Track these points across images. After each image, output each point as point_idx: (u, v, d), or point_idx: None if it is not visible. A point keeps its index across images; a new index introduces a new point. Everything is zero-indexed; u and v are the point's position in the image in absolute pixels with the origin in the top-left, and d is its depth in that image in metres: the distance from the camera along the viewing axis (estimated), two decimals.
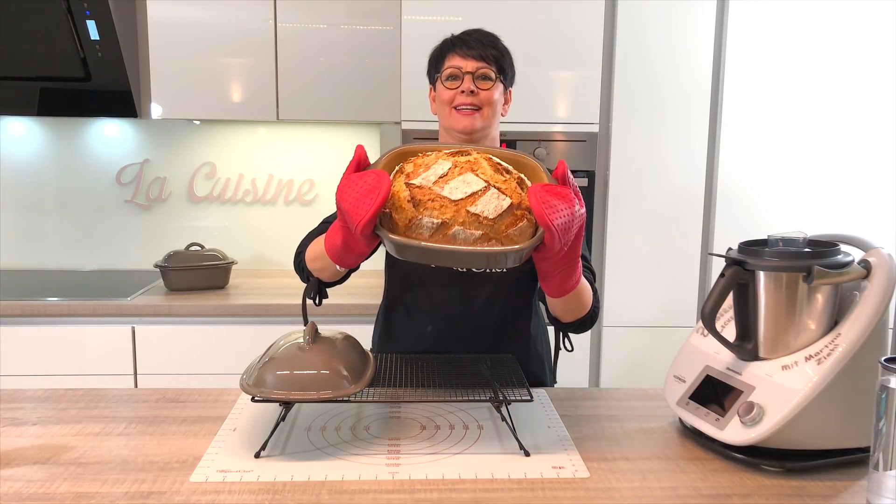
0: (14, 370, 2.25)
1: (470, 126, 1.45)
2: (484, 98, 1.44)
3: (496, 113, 1.48)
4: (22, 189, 2.79)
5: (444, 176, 1.05)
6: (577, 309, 1.34)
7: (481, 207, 1.03)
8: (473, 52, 1.45)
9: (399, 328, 1.59)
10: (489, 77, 1.45)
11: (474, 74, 1.44)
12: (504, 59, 1.48)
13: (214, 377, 2.26)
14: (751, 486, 1.05)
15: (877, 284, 1.09)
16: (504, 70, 1.47)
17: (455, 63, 1.45)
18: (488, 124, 1.47)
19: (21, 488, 1.01)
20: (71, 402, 1.36)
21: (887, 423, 0.92)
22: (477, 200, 1.03)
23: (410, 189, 1.04)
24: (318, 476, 1.05)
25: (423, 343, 1.52)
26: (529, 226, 1.07)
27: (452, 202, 1.02)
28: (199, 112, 2.52)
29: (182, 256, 2.47)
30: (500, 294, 1.51)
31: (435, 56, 1.51)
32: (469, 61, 1.45)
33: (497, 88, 1.46)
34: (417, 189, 1.04)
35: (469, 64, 1.44)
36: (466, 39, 1.47)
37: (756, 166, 2.45)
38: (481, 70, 1.44)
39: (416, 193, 1.04)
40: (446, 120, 1.48)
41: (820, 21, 2.39)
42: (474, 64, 1.44)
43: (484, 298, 1.50)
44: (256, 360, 1.20)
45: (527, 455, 1.12)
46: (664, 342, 2.40)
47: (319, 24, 2.44)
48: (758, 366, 1.13)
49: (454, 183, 1.04)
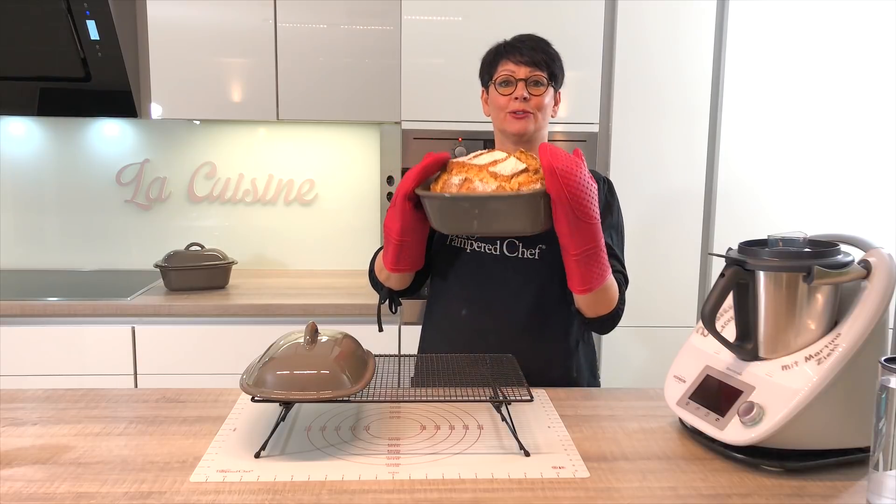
0: (14, 370, 2.25)
1: (523, 129, 1.51)
2: (536, 104, 1.50)
3: (547, 116, 1.55)
4: (22, 189, 2.79)
5: (478, 154, 1.30)
6: (598, 305, 1.42)
7: (500, 168, 1.26)
8: (525, 58, 1.50)
9: (437, 314, 1.64)
10: (541, 83, 1.50)
11: (527, 81, 1.49)
12: (555, 63, 1.53)
13: (214, 377, 2.26)
14: (751, 486, 1.05)
15: (877, 284, 1.09)
16: (555, 75, 1.52)
17: (508, 69, 1.51)
18: (539, 127, 1.53)
19: (21, 488, 1.01)
20: (71, 402, 1.35)
21: (887, 423, 0.92)
22: (498, 164, 1.26)
23: (448, 164, 1.32)
24: (318, 476, 1.05)
25: (459, 328, 1.57)
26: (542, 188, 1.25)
27: (478, 166, 1.27)
28: (199, 112, 2.52)
29: (182, 256, 2.47)
30: (533, 283, 1.53)
31: (488, 61, 1.57)
32: (522, 67, 1.50)
33: (548, 93, 1.52)
34: (454, 163, 1.31)
35: (522, 70, 1.50)
36: (519, 46, 1.52)
37: (756, 166, 2.45)
38: (533, 76, 1.50)
39: (452, 165, 1.31)
40: (500, 123, 1.54)
41: (820, 21, 2.39)
42: (527, 70, 1.50)
43: (516, 285, 1.54)
44: (256, 360, 1.20)
45: (527, 455, 1.12)
46: (664, 342, 2.40)
47: (319, 24, 2.44)
48: (758, 366, 1.13)
49: (484, 157, 1.30)
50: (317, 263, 2.90)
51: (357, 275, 2.80)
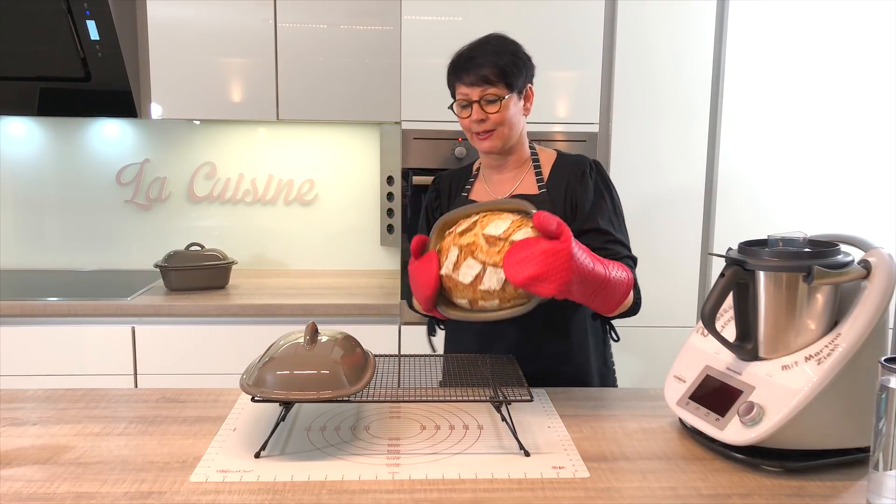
0: (14, 370, 2.25)
1: (490, 148, 1.51)
2: (495, 120, 1.47)
3: (514, 125, 1.49)
4: (22, 189, 2.79)
5: (456, 263, 1.29)
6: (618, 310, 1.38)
7: (487, 285, 1.27)
8: (473, 77, 1.45)
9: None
10: (497, 98, 1.45)
11: (480, 101, 1.46)
12: (509, 69, 1.46)
13: (214, 377, 2.26)
14: (751, 486, 1.05)
15: (877, 284, 1.09)
16: (511, 82, 1.46)
17: (462, 91, 1.48)
18: (508, 138, 1.50)
19: (21, 488, 1.01)
20: (71, 402, 1.36)
21: (887, 423, 0.92)
22: (482, 280, 1.27)
23: (443, 279, 1.33)
24: (318, 476, 1.05)
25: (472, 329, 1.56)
26: (538, 299, 1.26)
27: (467, 286, 1.28)
28: (199, 112, 2.52)
29: (182, 256, 2.47)
30: None
31: (448, 81, 1.53)
32: (473, 89, 1.46)
33: (507, 105, 1.46)
34: (446, 279, 1.32)
35: (474, 92, 1.46)
36: (466, 66, 1.46)
37: (756, 166, 2.45)
38: (487, 94, 1.45)
39: (445, 282, 1.32)
40: (471, 143, 1.53)
41: (820, 21, 2.39)
42: (478, 91, 1.45)
43: None
44: (256, 360, 1.20)
45: (527, 455, 1.12)
46: (664, 342, 2.40)
47: (319, 24, 2.44)
48: (758, 366, 1.13)
49: (463, 269, 1.29)
50: (317, 263, 2.90)
51: (357, 275, 2.80)
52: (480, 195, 1.59)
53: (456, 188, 1.65)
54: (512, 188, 1.56)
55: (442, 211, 1.65)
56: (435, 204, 1.67)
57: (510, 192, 1.56)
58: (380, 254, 2.90)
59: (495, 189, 1.58)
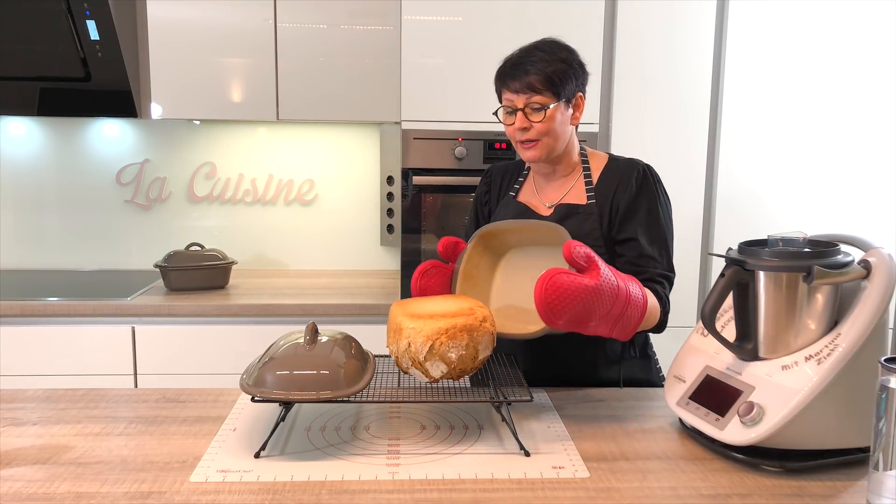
0: (14, 370, 2.25)
1: (534, 158, 1.47)
2: (539, 130, 1.43)
3: (559, 134, 1.45)
4: (22, 189, 2.79)
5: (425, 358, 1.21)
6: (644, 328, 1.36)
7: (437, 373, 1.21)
8: (519, 83, 1.41)
9: None
10: (542, 107, 1.41)
11: (525, 109, 1.42)
12: (557, 76, 1.41)
13: (214, 377, 2.25)
14: (751, 486, 1.05)
15: (877, 284, 1.09)
16: (558, 91, 1.42)
17: (508, 98, 1.45)
18: (552, 149, 1.46)
19: (21, 488, 1.01)
20: (71, 402, 1.36)
21: (887, 423, 0.92)
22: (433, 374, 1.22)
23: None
24: (318, 476, 1.05)
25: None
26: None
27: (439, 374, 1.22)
28: (199, 112, 2.52)
29: (182, 256, 2.47)
30: None
31: (495, 86, 1.49)
32: (518, 96, 1.42)
33: (552, 115, 1.42)
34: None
35: (519, 99, 1.42)
36: (513, 72, 1.43)
37: (756, 166, 2.45)
38: (532, 102, 1.41)
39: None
40: (517, 151, 1.49)
41: (820, 21, 2.39)
42: (524, 98, 1.42)
43: None
44: (256, 360, 1.20)
45: (527, 455, 1.12)
46: (664, 342, 2.39)
47: (319, 24, 2.44)
48: (758, 366, 1.13)
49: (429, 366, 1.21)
50: (317, 263, 2.90)
51: (357, 275, 2.80)
52: (528, 197, 1.57)
53: (506, 185, 1.62)
54: (560, 196, 1.52)
55: (491, 206, 1.63)
56: (485, 199, 1.65)
57: (558, 200, 1.52)
58: (380, 254, 2.90)
59: (544, 195, 1.55)
